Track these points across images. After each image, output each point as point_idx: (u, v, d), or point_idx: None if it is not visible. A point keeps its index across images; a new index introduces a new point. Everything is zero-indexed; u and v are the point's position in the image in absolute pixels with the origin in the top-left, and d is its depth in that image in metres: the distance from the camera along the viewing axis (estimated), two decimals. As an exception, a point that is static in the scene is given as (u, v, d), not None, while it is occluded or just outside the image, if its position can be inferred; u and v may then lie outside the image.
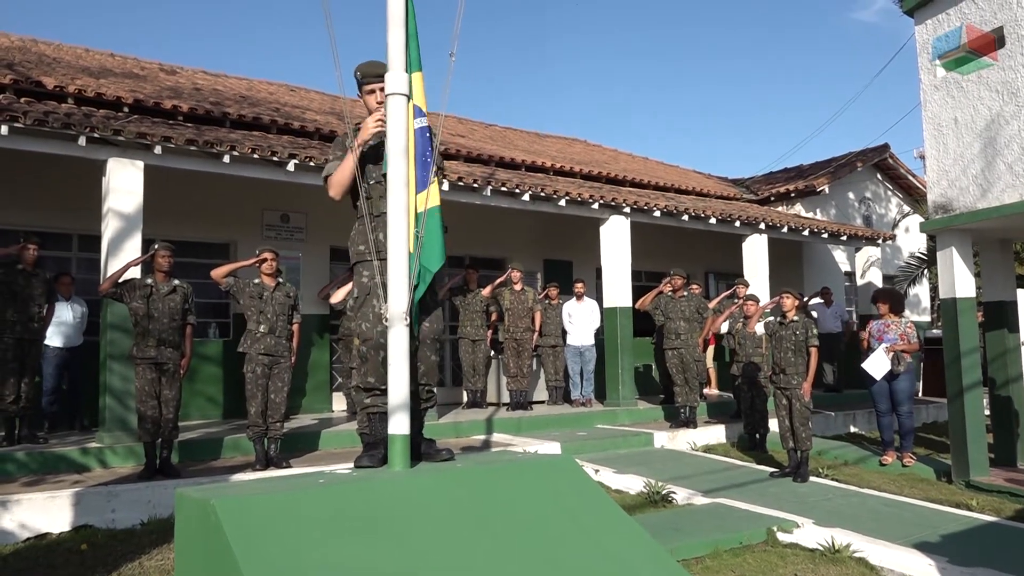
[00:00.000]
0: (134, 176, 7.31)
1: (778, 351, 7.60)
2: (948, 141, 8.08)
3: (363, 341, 3.59)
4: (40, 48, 10.88)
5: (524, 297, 10.41)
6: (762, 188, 16.44)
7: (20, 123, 6.63)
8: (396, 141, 3.33)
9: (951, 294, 8.07)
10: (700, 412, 10.19)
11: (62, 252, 8.91)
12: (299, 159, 8.02)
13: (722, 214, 11.76)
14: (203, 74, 12.62)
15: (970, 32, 7.84)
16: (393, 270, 3.27)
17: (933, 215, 8.25)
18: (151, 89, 9.95)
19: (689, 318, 9.65)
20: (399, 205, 3.29)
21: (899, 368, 8.31)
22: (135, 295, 6.37)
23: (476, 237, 11.35)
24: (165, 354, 6.37)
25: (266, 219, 10.05)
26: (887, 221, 16.72)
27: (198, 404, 9.25)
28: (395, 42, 3.36)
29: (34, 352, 7.28)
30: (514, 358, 10.31)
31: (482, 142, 13.30)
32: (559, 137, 17.37)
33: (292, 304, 6.98)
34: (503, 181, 9.70)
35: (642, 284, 12.43)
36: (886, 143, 16.42)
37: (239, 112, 9.84)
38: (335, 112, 12.04)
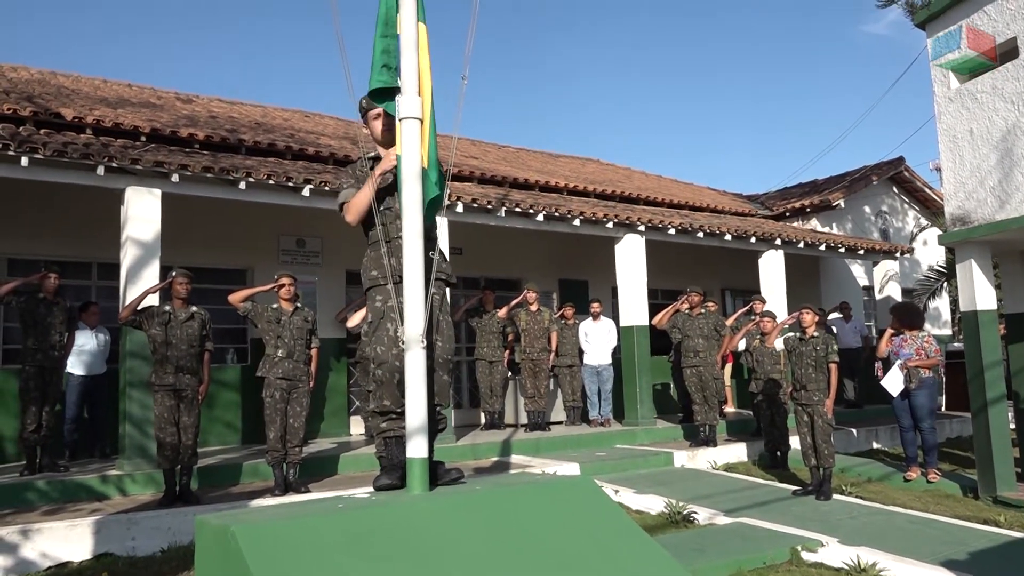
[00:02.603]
0: (152, 204, 7.39)
1: (798, 367, 7.53)
2: (964, 153, 8.03)
3: (378, 365, 3.59)
4: (59, 80, 11.06)
5: (540, 317, 10.39)
6: (777, 204, 16.38)
7: (40, 154, 6.73)
8: (410, 165, 3.34)
9: (972, 307, 7.98)
10: (720, 430, 10.11)
11: (82, 280, 9.00)
12: (314, 184, 8.08)
13: (737, 230, 11.71)
14: (219, 102, 12.77)
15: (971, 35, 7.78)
16: (409, 293, 3.28)
17: (951, 227, 8.18)
18: (168, 118, 10.08)
19: (707, 336, 9.60)
20: (413, 229, 3.30)
21: (912, 385, 8.22)
22: (153, 322, 6.41)
23: (491, 258, 11.37)
24: (183, 381, 6.40)
25: (282, 244, 10.12)
26: (904, 234, 16.60)
27: (216, 430, 9.27)
28: (408, 67, 3.38)
29: (55, 381, 7.33)
30: (531, 379, 10.28)
31: (495, 163, 13.34)
32: (572, 157, 17.41)
33: (310, 328, 7.01)
34: (517, 202, 9.72)
35: (658, 302, 12.38)
36: (901, 156, 16.33)
37: (254, 139, 9.94)
38: (349, 137, 12.14)
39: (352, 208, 3.68)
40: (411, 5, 3.42)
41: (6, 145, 6.61)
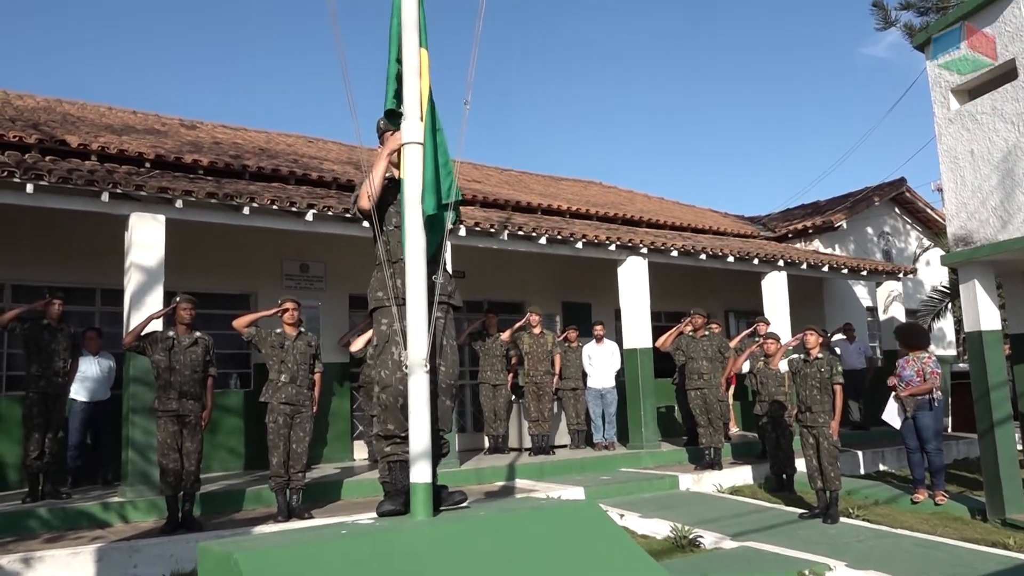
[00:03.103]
0: (156, 230, 7.42)
1: (803, 389, 7.50)
2: (965, 173, 8.05)
3: (383, 388, 3.58)
4: (65, 108, 11.15)
5: (543, 340, 10.38)
6: (779, 225, 16.40)
7: (45, 181, 6.77)
8: (412, 188, 3.36)
9: (976, 327, 7.96)
10: (725, 453, 10.05)
11: (86, 306, 9.01)
12: (317, 209, 8.11)
13: (740, 252, 11.73)
14: (223, 128, 12.86)
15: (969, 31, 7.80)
16: (412, 316, 3.28)
17: (954, 248, 8.18)
18: (172, 144, 10.14)
19: (711, 358, 9.58)
20: (416, 251, 3.31)
21: (908, 412, 8.21)
22: (157, 348, 6.41)
23: (494, 281, 11.37)
24: (187, 406, 6.39)
25: (286, 269, 10.14)
26: (907, 255, 16.60)
27: (219, 456, 9.24)
28: (411, 93, 3.41)
29: (59, 407, 7.32)
30: (535, 402, 10.25)
31: (497, 187, 13.40)
32: (574, 180, 17.47)
33: (313, 353, 7.00)
34: (519, 225, 9.74)
35: (661, 324, 12.36)
36: (902, 177, 16.36)
37: (258, 164, 9.99)
38: (352, 162, 12.20)
39: (361, 195, 3.70)
40: (413, 33, 3.45)
41: (11, 172, 6.65)
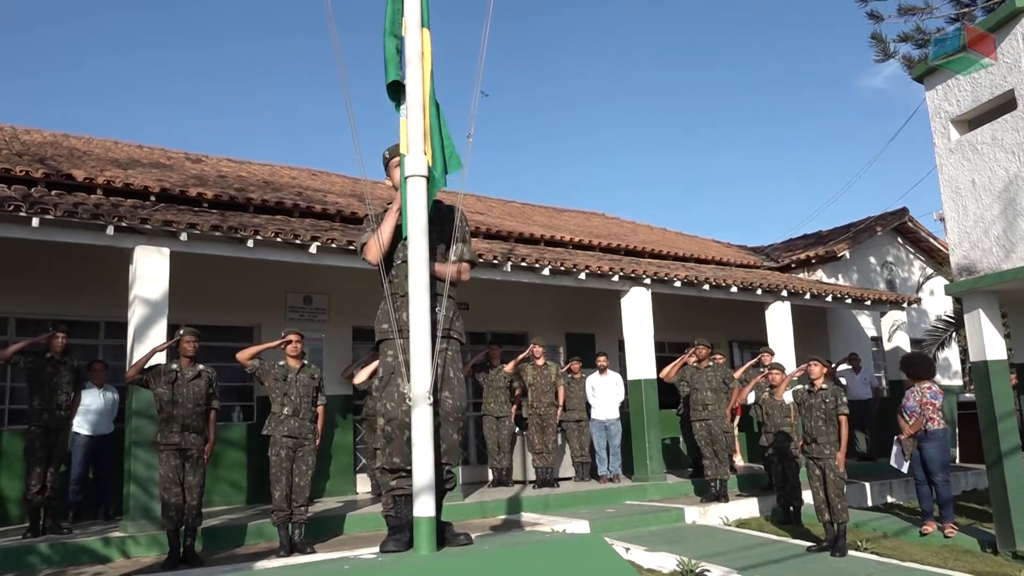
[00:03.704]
0: (160, 263, 7.44)
1: (808, 420, 7.46)
2: (967, 203, 8.06)
3: (388, 421, 3.56)
4: (71, 142, 11.25)
5: (547, 372, 10.34)
6: (782, 255, 16.42)
7: (51, 215, 6.82)
8: (416, 222, 3.37)
9: (982, 357, 7.93)
10: (731, 485, 9.96)
11: (89, 339, 9.02)
12: (321, 241, 8.14)
13: (743, 282, 11.72)
14: (228, 161, 12.96)
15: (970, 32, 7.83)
16: (416, 349, 3.27)
17: (957, 277, 8.18)
18: (177, 178, 10.22)
19: (716, 389, 9.53)
20: (420, 284, 3.32)
21: (906, 457, 8.18)
22: (160, 381, 6.41)
23: (497, 313, 11.37)
24: (189, 440, 6.36)
25: (289, 301, 10.15)
26: (910, 284, 16.58)
27: (221, 490, 9.18)
28: (415, 126, 3.44)
29: (61, 441, 7.29)
30: (539, 434, 10.19)
31: (501, 219, 13.45)
32: (577, 211, 17.55)
33: (316, 386, 6.98)
34: (523, 256, 9.76)
35: (665, 355, 12.33)
36: (904, 207, 16.40)
37: (262, 197, 10.05)
38: (356, 194, 12.27)
39: (369, 246, 3.71)
40: (416, 58, 3.48)
41: (18, 206, 6.70)
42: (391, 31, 3.60)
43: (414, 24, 3.50)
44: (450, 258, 3.70)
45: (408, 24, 3.51)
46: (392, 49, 3.60)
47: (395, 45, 3.60)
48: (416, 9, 3.51)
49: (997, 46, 7.79)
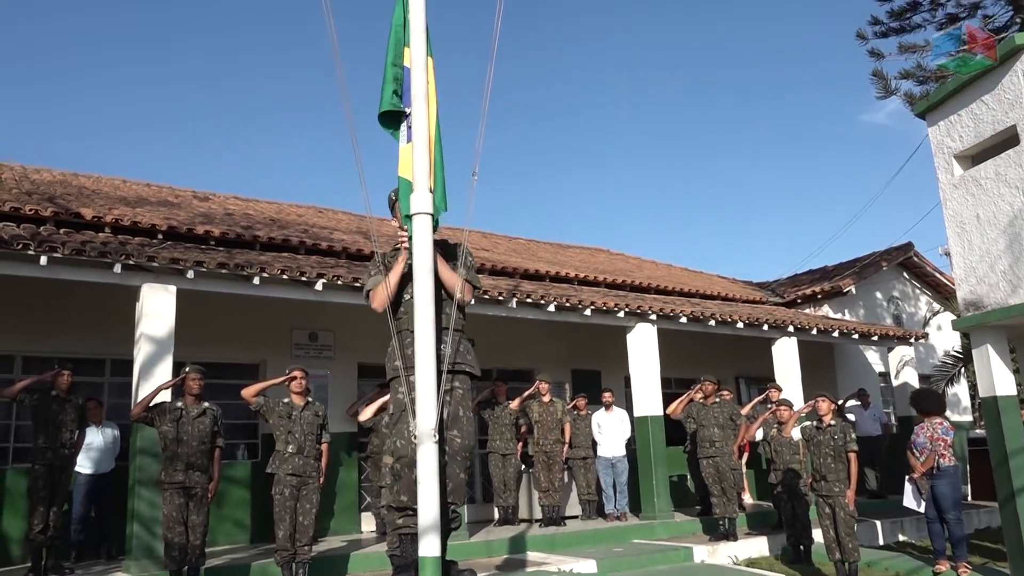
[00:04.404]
0: (167, 301, 7.46)
1: (817, 457, 7.39)
2: (972, 238, 8.06)
3: (397, 459, 3.53)
4: (80, 181, 11.36)
5: (553, 409, 10.28)
6: (788, 291, 16.39)
7: (59, 253, 6.86)
8: (422, 259, 3.38)
9: (991, 392, 7.86)
10: (740, 523, 9.83)
11: (95, 377, 9.01)
12: (327, 278, 8.16)
13: (749, 318, 11.70)
14: (235, 199, 13.05)
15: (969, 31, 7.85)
16: (421, 386, 3.26)
17: (964, 312, 8.15)
18: (185, 216, 10.28)
19: (723, 425, 9.45)
20: (426, 322, 3.32)
21: (922, 495, 8.09)
22: (165, 419, 6.39)
23: (503, 349, 11.33)
24: (193, 478, 6.32)
25: (295, 338, 10.15)
26: (917, 319, 16.52)
27: (225, 529, 9.09)
28: (420, 164, 3.47)
29: (64, 480, 7.25)
30: (545, 471, 10.10)
31: (506, 255, 13.48)
32: (582, 247, 17.59)
33: (321, 423, 6.96)
34: (528, 293, 9.77)
35: (672, 391, 12.25)
36: (910, 242, 16.41)
37: (269, 235, 10.10)
38: (362, 231, 12.33)
39: (376, 295, 3.72)
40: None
41: (26, 244, 6.74)
42: (392, 61, 3.66)
43: (419, 54, 3.54)
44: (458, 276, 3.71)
45: (414, 55, 3.55)
46: (391, 78, 3.66)
47: (394, 74, 3.65)
48: (421, 39, 3.56)
49: (998, 83, 7.85)
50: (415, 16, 3.57)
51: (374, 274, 3.84)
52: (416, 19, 3.57)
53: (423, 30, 3.57)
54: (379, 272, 3.79)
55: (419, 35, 3.57)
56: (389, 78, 3.66)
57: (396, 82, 3.65)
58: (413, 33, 3.57)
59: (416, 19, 3.57)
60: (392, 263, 3.81)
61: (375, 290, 3.74)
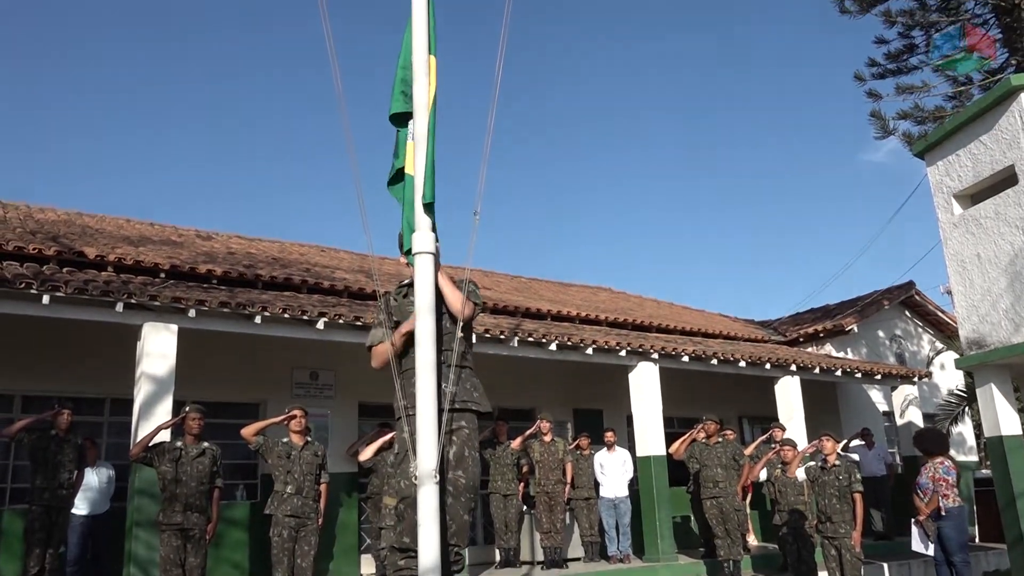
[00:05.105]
0: (168, 340, 7.46)
1: (822, 498, 7.31)
2: (973, 277, 8.07)
3: (401, 499, 3.49)
4: (84, 220, 11.43)
5: (554, 448, 10.19)
6: (790, 329, 16.37)
7: (61, 292, 6.87)
8: (423, 298, 3.39)
9: (996, 432, 7.81)
10: (744, 566, 9.69)
11: (94, 417, 8.97)
12: (329, 317, 8.16)
13: (751, 357, 11.66)
14: (238, 239, 13.11)
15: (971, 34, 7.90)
16: (422, 426, 3.24)
17: (967, 351, 8.12)
18: (187, 255, 10.32)
19: (726, 465, 9.37)
20: (426, 360, 3.31)
21: (929, 538, 7.97)
22: (164, 459, 6.35)
23: (504, 388, 11.28)
24: (191, 519, 6.26)
25: (296, 377, 10.11)
26: (920, 358, 16.46)
27: (223, 571, 8.96)
28: (420, 203, 3.49)
29: (61, 521, 7.19)
30: (547, 512, 9.98)
31: (507, 294, 13.49)
32: (584, 286, 17.60)
33: (320, 463, 6.91)
34: (530, 332, 9.76)
35: (674, 431, 12.16)
36: (911, 280, 16.44)
37: (271, 274, 10.13)
38: (364, 270, 12.36)
39: (376, 355, 3.73)
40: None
41: (29, 284, 6.76)
42: (402, 64, 3.77)
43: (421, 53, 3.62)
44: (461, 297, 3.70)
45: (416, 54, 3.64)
46: (399, 79, 3.77)
47: (403, 76, 3.76)
48: (423, 39, 3.64)
49: (995, 123, 7.92)
50: (417, 14, 3.67)
51: (375, 327, 3.82)
52: (418, 17, 3.66)
53: (424, 30, 3.66)
54: (379, 325, 3.77)
55: (421, 35, 3.66)
56: (399, 80, 3.77)
57: (405, 84, 3.75)
58: (415, 33, 3.66)
59: (418, 17, 3.66)
60: (397, 303, 3.80)
61: (377, 348, 3.74)
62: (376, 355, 3.72)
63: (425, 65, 3.62)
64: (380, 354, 3.70)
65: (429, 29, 3.67)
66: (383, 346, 3.67)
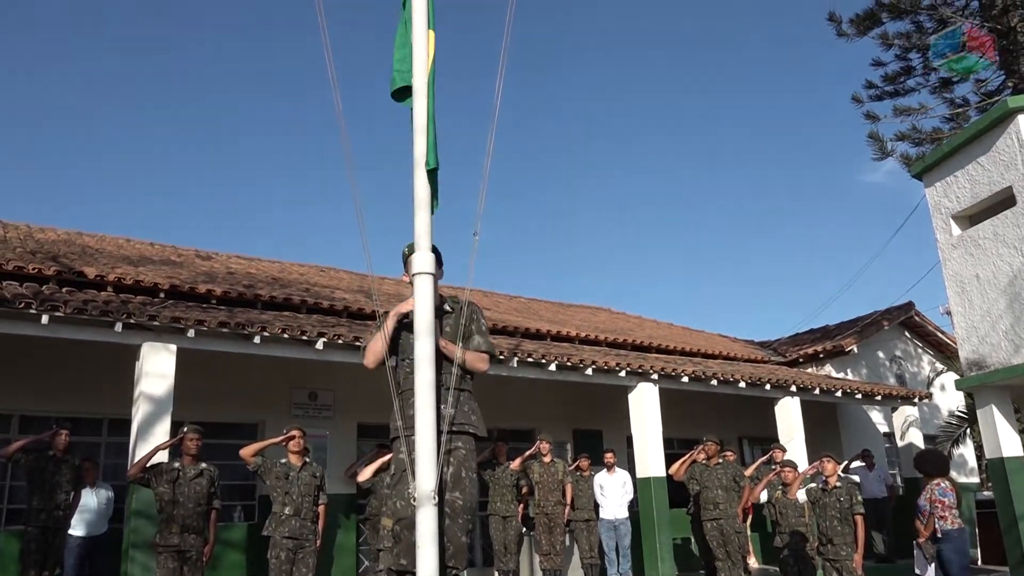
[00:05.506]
0: (167, 360, 7.45)
1: (823, 520, 7.27)
2: (973, 298, 8.08)
3: (397, 520, 3.47)
4: (84, 240, 11.44)
5: (554, 469, 10.15)
6: (789, 350, 16.35)
7: (60, 312, 6.87)
8: (423, 319, 3.38)
9: (997, 454, 7.79)
10: (746, 589, 9.61)
11: (92, 437, 8.93)
12: (328, 337, 8.15)
13: (751, 377, 11.64)
14: (237, 258, 13.12)
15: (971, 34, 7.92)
16: (421, 447, 3.23)
17: (967, 372, 8.11)
18: (187, 275, 10.32)
19: (726, 487, 9.31)
20: (425, 382, 3.30)
21: (928, 561, 7.91)
22: (162, 479, 6.31)
23: (504, 409, 11.25)
24: (188, 541, 6.21)
25: (294, 398, 10.09)
26: (921, 379, 16.43)
27: (220, 593, 8.90)
28: (421, 224, 3.50)
29: (58, 542, 7.14)
30: (546, 534, 9.92)
31: (507, 314, 13.49)
32: (583, 306, 17.60)
33: (318, 484, 6.87)
34: (529, 352, 9.74)
35: (674, 452, 12.11)
36: (910, 301, 16.45)
37: (271, 294, 10.13)
38: (363, 291, 12.36)
39: (369, 350, 3.69)
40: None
41: (28, 303, 6.76)
42: (399, 43, 3.86)
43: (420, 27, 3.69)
44: (457, 344, 3.69)
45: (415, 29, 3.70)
46: (398, 58, 3.84)
47: (401, 55, 3.83)
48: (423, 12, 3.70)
49: (992, 145, 7.96)
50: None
51: (372, 332, 3.83)
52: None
53: (424, 2, 3.71)
54: (378, 329, 3.77)
55: (420, 8, 3.71)
56: (396, 59, 3.85)
57: (402, 62, 3.81)
58: (415, 6, 3.73)
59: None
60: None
61: (368, 346, 3.72)
62: (370, 351, 3.68)
63: (424, 38, 3.69)
64: (374, 350, 3.66)
65: (428, 4, 3.75)
66: (376, 341, 3.65)
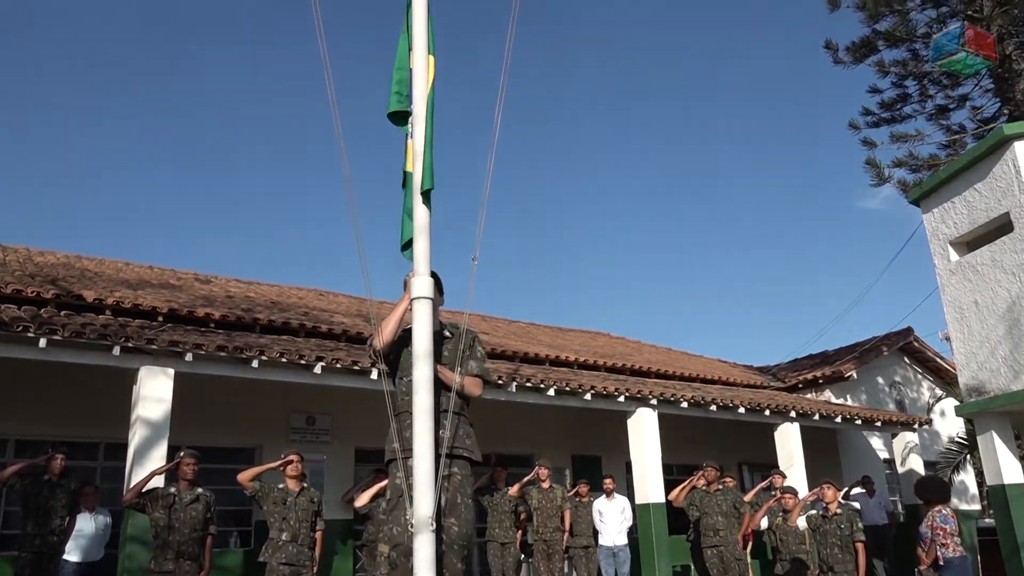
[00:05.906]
0: (164, 384, 7.42)
1: (823, 547, 7.21)
2: (972, 324, 8.08)
3: (394, 546, 3.44)
4: (83, 263, 11.45)
5: (553, 495, 10.07)
6: (789, 375, 16.32)
7: (58, 335, 6.86)
8: (421, 343, 3.38)
9: (998, 480, 7.75)
10: (746, 617, 9.51)
11: (88, 461, 8.89)
12: (326, 361, 8.13)
13: (751, 403, 11.60)
14: (236, 282, 13.12)
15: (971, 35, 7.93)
16: (419, 472, 3.21)
17: (967, 398, 8.09)
18: (186, 298, 10.32)
19: (726, 513, 9.24)
20: (424, 406, 3.29)
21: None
22: (157, 505, 6.25)
23: (502, 434, 11.19)
24: (183, 567, 6.14)
25: (292, 422, 10.04)
26: (920, 405, 16.38)
27: (215, 620, 8.80)
28: (420, 249, 3.51)
29: (52, 568, 7.05)
30: (545, 561, 9.82)
31: (505, 338, 13.47)
32: (582, 331, 17.59)
33: (315, 510, 6.81)
34: (528, 377, 9.72)
35: (673, 477, 12.04)
36: (909, 327, 16.44)
37: (269, 317, 10.12)
38: (362, 315, 12.35)
39: (385, 327, 3.63)
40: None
41: (26, 327, 6.75)
42: (398, 65, 3.89)
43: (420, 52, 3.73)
44: (456, 370, 3.68)
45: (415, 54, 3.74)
46: (395, 80, 3.87)
47: (399, 77, 3.87)
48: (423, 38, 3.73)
49: (989, 171, 8.00)
50: (417, 12, 3.78)
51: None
52: (418, 15, 3.77)
53: (424, 30, 3.75)
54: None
55: (420, 34, 3.75)
56: (395, 80, 3.88)
57: (400, 84, 3.85)
58: (415, 33, 3.76)
59: (418, 15, 3.77)
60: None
61: (378, 329, 3.66)
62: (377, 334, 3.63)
63: (424, 63, 3.73)
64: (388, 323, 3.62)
65: (428, 30, 3.79)
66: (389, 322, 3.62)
